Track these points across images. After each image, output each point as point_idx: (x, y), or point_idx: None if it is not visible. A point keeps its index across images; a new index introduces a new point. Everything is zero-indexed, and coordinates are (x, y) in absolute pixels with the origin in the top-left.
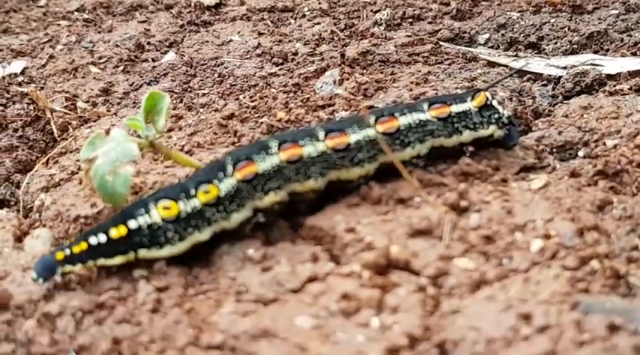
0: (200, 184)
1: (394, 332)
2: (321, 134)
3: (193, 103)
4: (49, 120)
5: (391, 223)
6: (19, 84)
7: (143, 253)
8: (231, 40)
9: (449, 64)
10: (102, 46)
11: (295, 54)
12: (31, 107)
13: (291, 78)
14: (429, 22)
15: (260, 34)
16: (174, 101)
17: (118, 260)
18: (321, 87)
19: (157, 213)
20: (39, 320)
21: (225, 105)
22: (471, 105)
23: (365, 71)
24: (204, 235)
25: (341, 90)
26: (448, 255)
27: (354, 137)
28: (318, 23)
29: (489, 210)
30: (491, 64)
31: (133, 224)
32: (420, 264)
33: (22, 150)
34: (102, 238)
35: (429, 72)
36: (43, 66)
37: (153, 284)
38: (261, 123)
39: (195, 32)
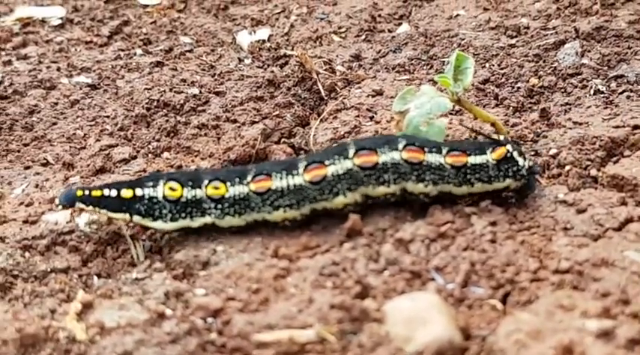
0: (215, 180)
1: None
2: (401, 144)
3: (444, 69)
4: (315, 81)
5: None
6: (269, 49)
7: (137, 219)
8: (458, 15)
9: None
10: (336, 18)
11: (527, 28)
12: (290, 69)
13: (530, 49)
14: (638, 4)
15: (485, 9)
16: (425, 67)
17: (118, 215)
18: (564, 57)
19: (162, 190)
20: (394, 244)
21: (475, 71)
22: (489, 157)
23: (600, 45)
24: (195, 223)
25: (586, 60)
26: None
27: (382, 157)
28: (538, 0)
29: None
30: None
31: (139, 191)
32: None
33: (297, 106)
34: (113, 193)
35: None
36: (287, 34)
37: (485, 219)
38: (519, 87)
39: (419, 7)
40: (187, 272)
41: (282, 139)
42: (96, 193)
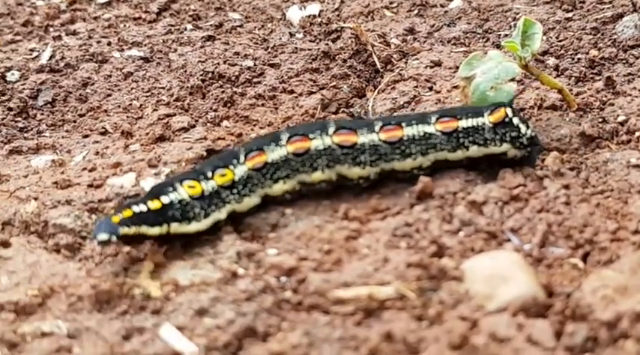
0: (217, 168)
1: None
2: (378, 126)
3: (500, 42)
4: (370, 53)
5: None
6: (320, 24)
7: (175, 227)
8: None
9: None
10: None
11: (582, 2)
12: (343, 42)
13: (587, 22)
14: None
15: None
16: (481, 41)
17: (156, 230)
18: (622, 30)
19: (184, 191)
20: (466, 206)
21: None
22: (486, 120)
23: None
24: (222, 214)
25: None
26: None
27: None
28: None
29: None
30: None
31: (165, 199)
32: None
33: (353, 78)
34: (143, 207)
35: None
36: (337, 9)
37: (558, 182)
38: (579, 59)
39: None
40: (256, 234)
41: (341, 109)
42: (128, 213)
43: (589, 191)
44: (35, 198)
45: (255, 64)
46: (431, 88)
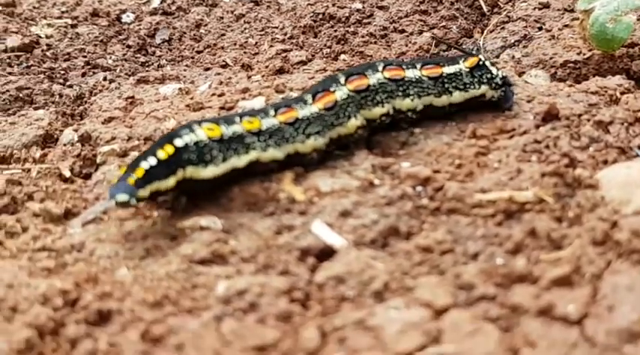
0: (247, 115)
1: None
2: (342, 79)
3: None
4: None
5: None
6: None
7: (190, 171)
8: None
9: None
10: None
11: None
12: None
13: None
14: None
15: None
16: None
17: (170, 181)
18: None
19: (203, 133)
20: (593, 126)
21: None
22: (462, 66)
23: None
24: (241, 161)
25: None
26: None
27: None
28: None
29: None
30: None
31: (179, 142)
32: None
33: (461, 20)
34: (152, 161)
35: None
36: None
37: None
38: None
39: None
40: (386, 151)
41: (452, 48)
42: (140, 172)
43: None
44: (172, 118)
45: (363, 7)
46: (540, 28)
